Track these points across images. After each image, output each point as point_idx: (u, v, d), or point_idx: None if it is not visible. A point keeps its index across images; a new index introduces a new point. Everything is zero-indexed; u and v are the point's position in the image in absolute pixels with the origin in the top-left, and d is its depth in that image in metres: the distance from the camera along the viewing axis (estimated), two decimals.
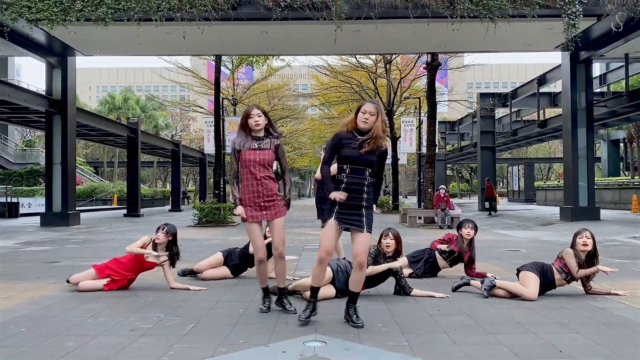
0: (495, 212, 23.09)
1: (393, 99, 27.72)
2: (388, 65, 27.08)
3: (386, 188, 51.62)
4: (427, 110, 18.17)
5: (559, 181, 47.86)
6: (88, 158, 56.61)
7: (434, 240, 6.61)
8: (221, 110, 21.94)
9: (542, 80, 24.93)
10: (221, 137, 21.34)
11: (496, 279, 5.44)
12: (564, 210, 17.27)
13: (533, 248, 10.03)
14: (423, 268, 6.40)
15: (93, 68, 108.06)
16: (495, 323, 4.26)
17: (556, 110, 29.92)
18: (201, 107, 35.10)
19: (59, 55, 16.45)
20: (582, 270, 5.16)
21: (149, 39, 14.35)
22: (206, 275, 6.32)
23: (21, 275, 6.85)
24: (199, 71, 33.12)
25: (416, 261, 6.47)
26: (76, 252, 9.51)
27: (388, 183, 55.22)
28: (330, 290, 5.11)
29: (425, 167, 18.12)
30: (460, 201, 45.09)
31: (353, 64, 27.78)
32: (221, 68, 21.79)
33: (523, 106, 30.73)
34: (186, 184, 68.03)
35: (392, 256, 5.25)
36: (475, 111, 32.14)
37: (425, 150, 19.26)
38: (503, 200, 42.32)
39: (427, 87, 18.53)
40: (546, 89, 27.48)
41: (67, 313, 4.63)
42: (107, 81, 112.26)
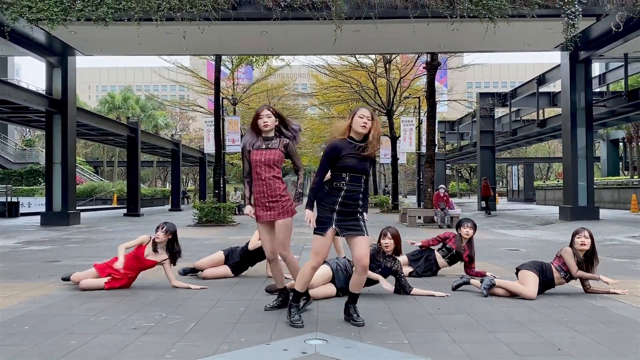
0: (488, 212, 22.80)
1: (393, 99, 27.74)
2: (388, 64, 27.11)
3: (386, 187, 51.64)
4: (427, 109, 18.18)
5: (559, 181, 47.86)
6: (88, 157, 56.62)
7: (428, 239, 6.65)
8: (221, 109, 21.92)
9: (542, 80, 24.95)
10: (221, 137, 21.34)
11: (496, 278, 5.48)
12: (563, 209, 17.29)
13: (532, 247, 10.06)
14: (423, 266, 6.44)
15: (93, 68, 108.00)
16: (495, 322, 4.29)
17: (555, 110, 29.94)
18: (201, 107, 35.06)
19: (59, 54, 16.46)
20: (581, 271, 5.19)
21: (149, 39, 14.36)
22: (207, 274, 6.35)
23: (22, 274, 6.87)
24: (199, 71, 33.06)
25: (416, 259, 6.52)
26: (77, 252, 9.53)
27: (388, 182, 55.24)
28: (330, 288, 5.14)
29: (424, 167, 18.12)
30: (459, 201, 45.12)
31: (353, 64, 27.80)
32: (221, 67, 21.78)
33: (522, 106, 30.74)
34: (186, 184, 68.05)
35: (392, 255, 5.28)
36: (474, 111, 32.13)
37: (424, 149, 19.28)
38: (502, 199, 42.34)
39: (427, 87, 18.54)
40: (545, 89, 27.49)
41: (69, 312, 4.65)
42: (107, 81, 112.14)
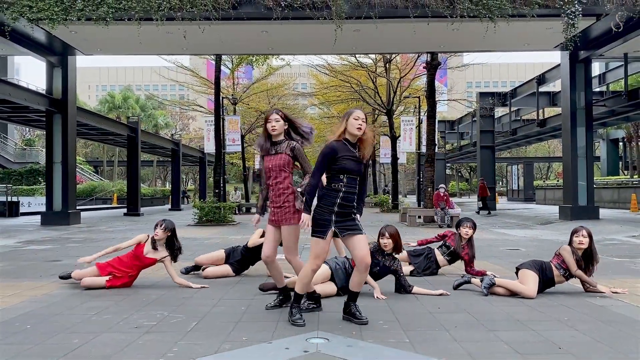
0: (480, 212, 22.73)
1: (393, 98, 27.73)
2: (388, 64, 27.10)
3: (386, 187, 51.68)
4: (427, 109, 18.17)
5: (558, 180, 47.94)
6: (88, 157, 56.62)
7: (427, 238, 6.72)
8: (221, 109, 21.91)
9: (542, 79, 24.96)
10: (221, 137, 21.34)
11: (496, 277, 5.50)
12: (563, 209, 17.31)
13: (532, 247, 10.08)
14: (423, 264, 6.47)
15: (93, 67, 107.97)
16: (495, 320, 4.31)
17: (555, 109, 29.98)
18: (201, 107, 35.01)
19: (60, 54, 16.46)
20: (580, 271, 5.21)
21: (150, 39, 14.37)
22: (208, 273, 6.37)
23: (23, 273, 6.89)
24: (199, 70, 33.04)
25: (416, 255, 6.57)
26: (77, 251, 9.53)
27: (388, 182, 55.25)
28: (331, 287, 5.15)
29: (424, 166, 18.11)
30: (459, 200, 45.12)
31: (353, 63, 27.78)
32: (221, 67, 21.77)
33: (522, 105, 30.76)
34: (186, 183, 68.06)
35: (391, 253, 5.31)
36: (474, 110, 32.14)
37: (424, 149, 19.27)
38: (502, 199, 42.34)
39: (427, 86, 18.53)
40: (545, 89, 27.50)
41: (71, 311, 4.67)
42: (107, 80, 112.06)
